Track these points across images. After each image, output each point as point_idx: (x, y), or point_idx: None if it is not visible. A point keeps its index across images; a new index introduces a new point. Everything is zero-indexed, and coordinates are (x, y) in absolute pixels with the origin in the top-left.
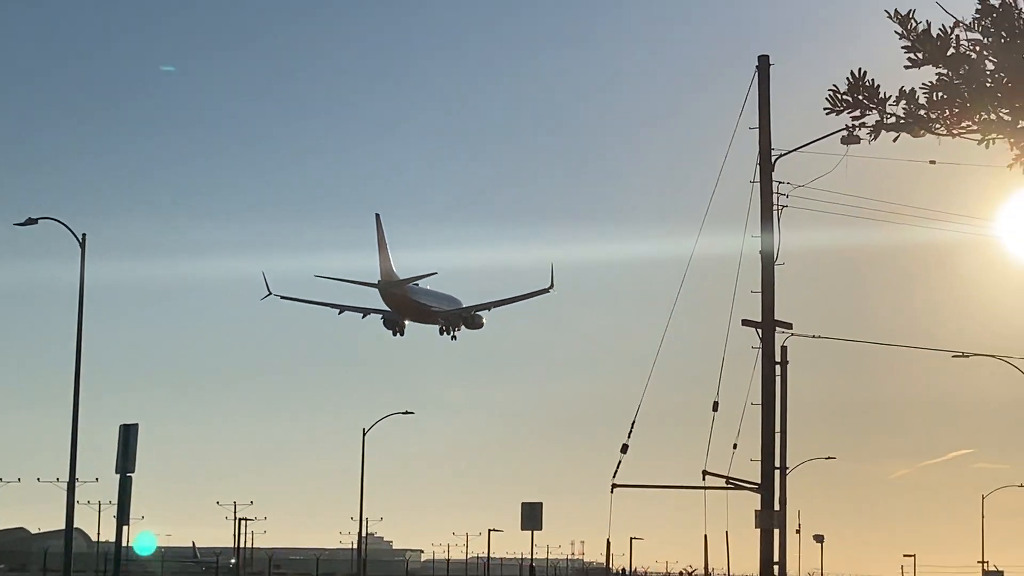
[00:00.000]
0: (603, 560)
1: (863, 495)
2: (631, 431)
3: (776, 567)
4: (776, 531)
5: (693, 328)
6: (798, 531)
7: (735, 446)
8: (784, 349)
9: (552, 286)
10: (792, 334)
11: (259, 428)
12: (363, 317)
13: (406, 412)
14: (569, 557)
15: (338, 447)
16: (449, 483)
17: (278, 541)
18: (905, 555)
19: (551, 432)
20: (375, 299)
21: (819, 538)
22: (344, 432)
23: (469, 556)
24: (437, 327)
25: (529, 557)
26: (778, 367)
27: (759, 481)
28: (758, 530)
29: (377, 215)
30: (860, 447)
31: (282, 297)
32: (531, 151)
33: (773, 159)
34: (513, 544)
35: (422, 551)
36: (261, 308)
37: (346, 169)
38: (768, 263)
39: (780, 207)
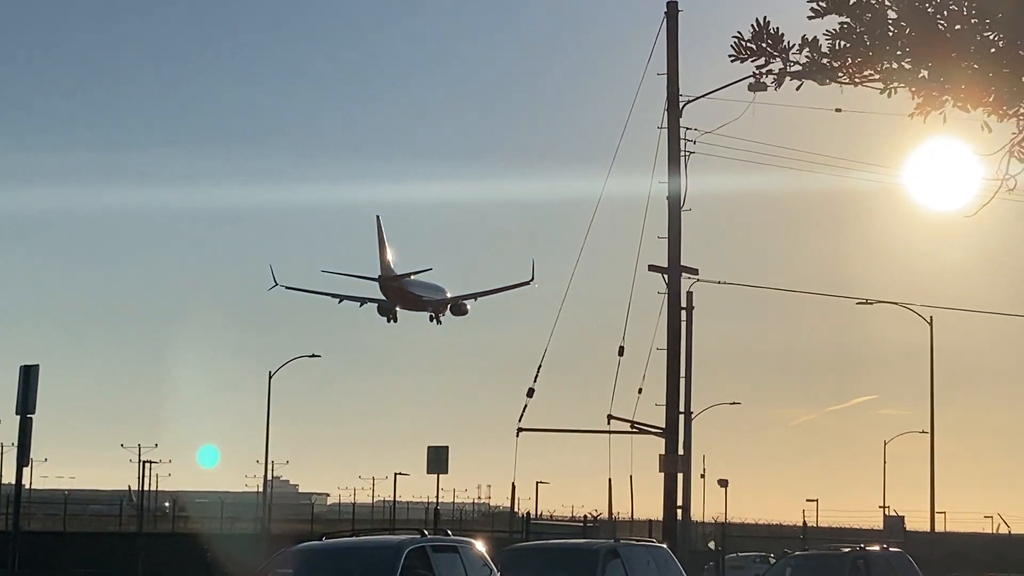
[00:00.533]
0: (508, 504)
1: (768, 440)
2: (537, 375)
3: (680, 511)
4: (680, 475)
5: (600, 272)
6: (702, 476)
7: (640, 391)
8: (690, 295)
9: (533, 279)
10: (698, 280)
11: (164, 369)
12: (360, 306)
13: (312, 355)
14: (475, 501)
15: (244, 390)
16: (355, 427)
17: (183, 484)
18: (808, 500)
19: (458, 375)
20: (372, 290)
21: (723, 483)
22: (250, 375)
23: (375, 500)
24: (427, 315)
25: (435, 501)
26: (684, 313)
27: (664, 426)
28: (662, 474)
29: (377, 216)
30: (765, 393)
31: (287, 287)
32: (437, 89)
33: (681, 105)
34: (419, 488)
35: (328, 495)
36: (166, 245)
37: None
38: (675, 209)
39: (687, 153)
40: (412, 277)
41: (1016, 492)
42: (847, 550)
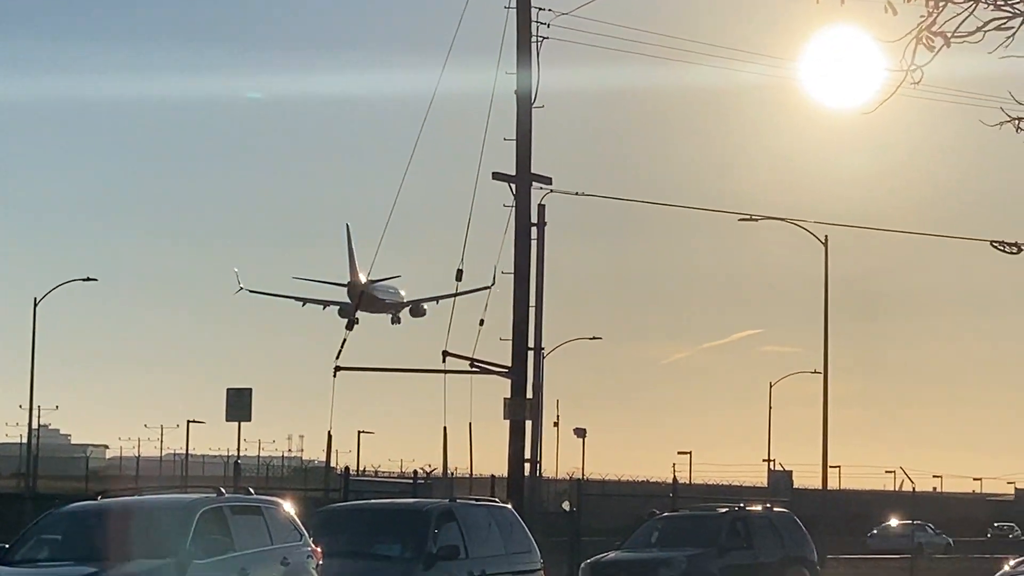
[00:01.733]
0: (324, 458)
1: (633, 382)
2: (359, 303)
3: (528, 465)
4: (529, 423)
5: (434, 181)
6: (556, 424)
7: (482, 323)
8: (542, 208)
9: (494, 283)
10: (551, 190)
11: None
12: (323, 309)
13: (87, 279)
14: (285, 455)
15: (3, 320)
16: (141, 367)
17: None
18: (680, 452)
19: (264, 306)
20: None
21: (581, 432)
22: (11, 302)
23: (164, 452)
24: (389, 317)
25: (235, 454)
26: (535, 229)
27: (510, 364)
28: (508, 422)
29: (347, 225)
30: (630, 326)
31: (250, 291)
32: None
33: None
34: (217, 439)
35: (107, 446)
36: None
37: None
38: (524, 105)
39: (540, 38)
40: (377, 283)
41: (922, 442)
42: (724, 510)
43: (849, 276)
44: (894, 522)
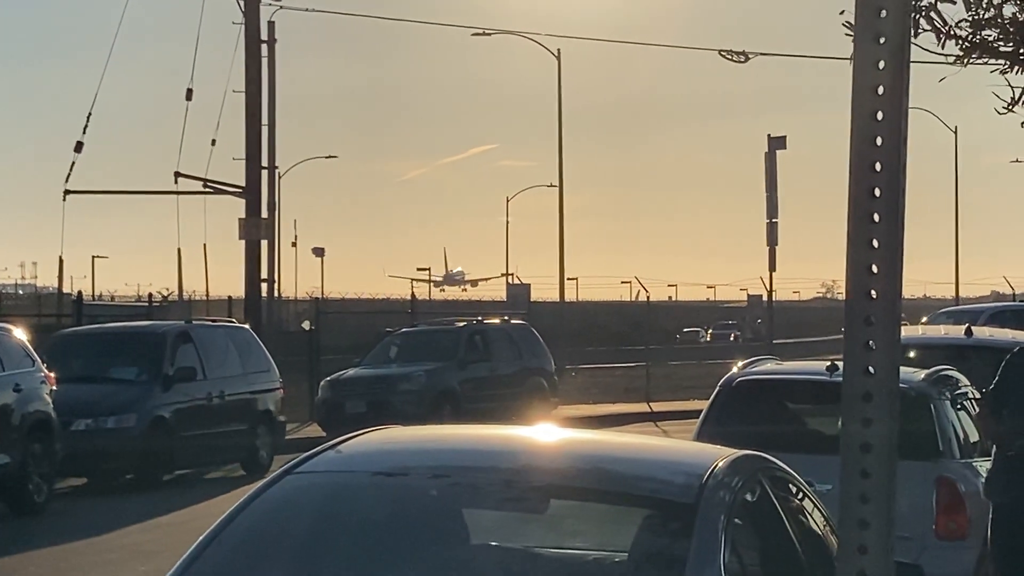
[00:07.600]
0: (58, 284)
1: (372, 200)
2: (87, 126)
3: (265, 285)
4: (265, 243)
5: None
6: (294, 244)
7: (214, 143)
8: (272, 25)
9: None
10: (281, 7)
11: None
12: None
13: None
14: (18, 282)
15: None
16: None
17: None
18: (419, 268)
19: None
20: None
21: (319, 251)
22: None
23: None
24: None
25: None
26: (265, 47)
27: (244, 184)
28: (243, 243)
29: None
30: (367, 143)
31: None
32: None
33: None
34: None
35: None
36: None
37: None
38: None
39: None
40: None
41: (657, 252)
42: (462, 324)
43: (583, 90)
44: None
